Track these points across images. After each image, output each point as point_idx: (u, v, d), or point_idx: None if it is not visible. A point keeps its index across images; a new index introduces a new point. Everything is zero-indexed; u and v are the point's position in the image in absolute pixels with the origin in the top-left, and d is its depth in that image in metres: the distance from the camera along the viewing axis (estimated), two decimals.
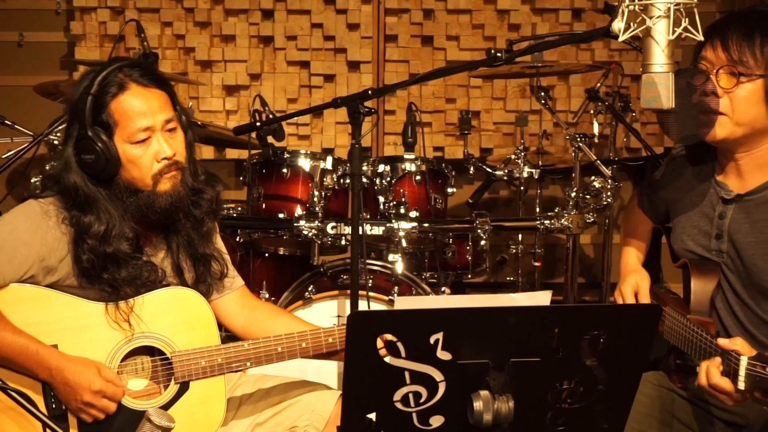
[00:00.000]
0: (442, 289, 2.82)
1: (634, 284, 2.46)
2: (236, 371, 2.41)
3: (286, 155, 3.47)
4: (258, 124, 3.17)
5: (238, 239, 3.49)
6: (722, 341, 1.99)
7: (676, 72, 2.06)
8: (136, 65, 2.28)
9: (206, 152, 4.78)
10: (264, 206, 3.49)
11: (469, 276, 3.74)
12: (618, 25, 2.05)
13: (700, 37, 2.00)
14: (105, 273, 2.22)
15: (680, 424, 2.33)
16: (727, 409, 2.30)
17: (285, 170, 3.45)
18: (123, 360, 2.25)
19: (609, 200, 3.52)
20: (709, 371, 1.98)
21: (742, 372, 1.89)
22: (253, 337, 2.35)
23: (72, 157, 2.23)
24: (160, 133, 2.25)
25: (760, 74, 2.12)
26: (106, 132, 2.21)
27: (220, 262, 2.45)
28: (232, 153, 4.83)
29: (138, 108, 2.22)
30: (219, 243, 2.50)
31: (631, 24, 2.02)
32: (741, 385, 1.90)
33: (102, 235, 2.21)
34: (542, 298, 1.74)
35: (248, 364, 2.31)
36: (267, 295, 3.49)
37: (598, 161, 3.59)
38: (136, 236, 2.28)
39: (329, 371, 3.05)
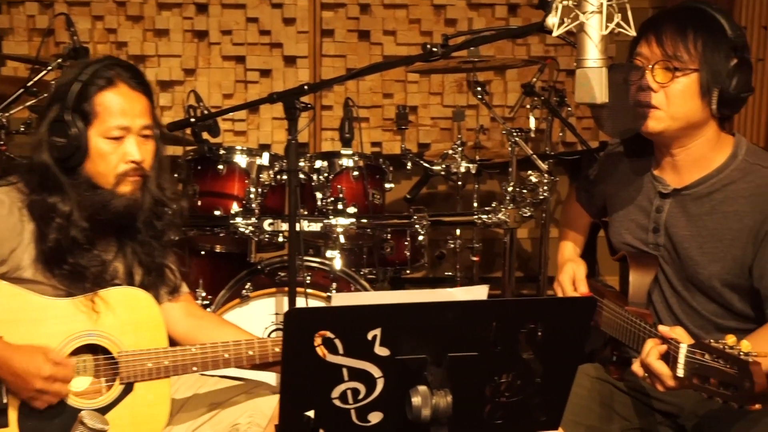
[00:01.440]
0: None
1: (570, 273, 2.48)
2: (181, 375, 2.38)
3: (222, 151, 3.44)
4: (192, 119, 3.13)
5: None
6: (662, 328, 2.03)
7: (610, 67, 2.10)
8: (129, 68, 2.31)
9: None
10: (200, 203, 3.45)
11: (408, 271, 3.75)
12: (552, 20, 2.08)
13: (633, 33, 2.04)
14: (70, 257, 2.22)
15: (617, 416, 2.37)
16: (664, 399, 2.35)
17: (221, 167, 3.42)
18: (68, 357, 2.22)
19: (545, 194, 3.56)
20: (651, 351, 2.01)
21: (681, 359, 1.92)
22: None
23: (45, 137, 2.25)
24: (135, 137, 2.27)
25: (694, 68, 2.17)
26: (84, 121, 2.23)
27: (174, 274, 2.45)
28: (166, 149, 4.77)
29: (121, 106, 2.25)
30: (173, 256, 2.50)
31: (565, 19, 2.05)
32: (680, 372, 1.93)
33: (68, 215, 2.22)
34: (479, 292, 1.76)
35: (194, 368, 2.29)
36: (204, 294, 3.45)
37: (535, 156, 3.63)
38: (90, 227, 2.27)
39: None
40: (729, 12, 2.24)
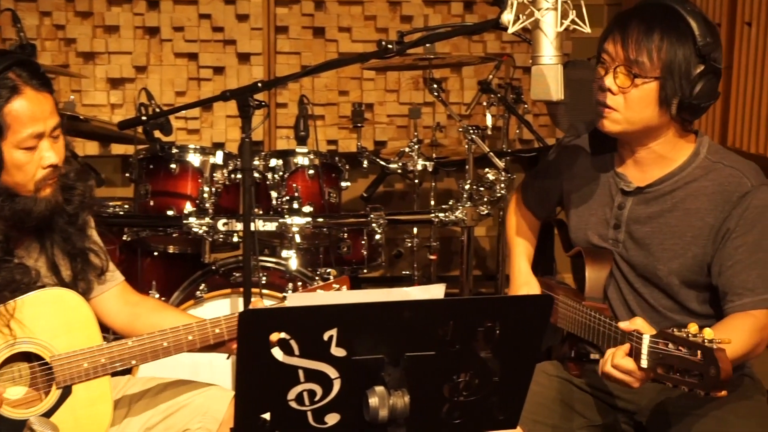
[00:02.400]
0: (327, 271, 2.85)
1: None
2: (122, 370, 2.36)
3: (175, 150, 3.42)
4: (144, 118, 3.11)
5: (125, 238, 3.42)
6: (622, 324, 2.04)
7: (569, 63, 2.11)
8: (25, 64, 2.22)
9: (90, 148, 4.67)
10: (152, 203, 3.43)
11: (365, 271, 3.75)
12: (507, 17, 2.09)
13: (588, 30, 2.05)
14: None
15: (576, 413, 2.39)
16: (622, 396, 2.37)
17: (173, 166, 3.40)
18: None
19: (503, 192, 3.58)
20: (615, 354, 2.02)
21: (644, 350, 1.94)
22: (138, 334, 2.31)
23: None
24: (47, 140, 2.20)
25: (654, 77, 2.16)
26: None
27: (99, 256, 2.41)
28: (117, 148, 4.73)
29: (31, 113, 2.16)
30: (96, 237, 2.45)
31: (520, 16, 2.06)
32: (644, 363, 1.94)
33: None
34: (436, 291, 1.76)
35: (133, 362, 2.26)
36: (157, 295, 3.43)
37: (491, 153, 3.64)
38: (6, 239, 2.21)
39: (222, 369, 3.02)
40: (699, 12, 2.19)
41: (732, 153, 2.33)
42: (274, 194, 3.46)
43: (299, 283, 3.24)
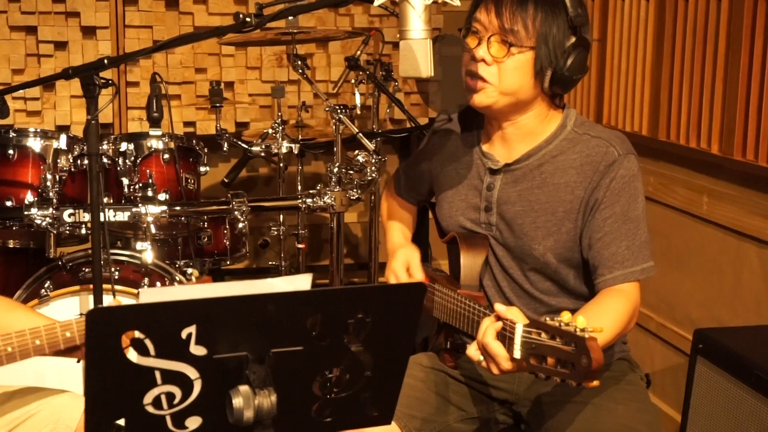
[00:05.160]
0: (189, 272, 2.85)
1: (404, 259, 2.48)
2: None
3: (12, 134, 3.34)
4: None
5: None
6: (499, 308, 2.04)
7: (439, 38, 2.13)
8: None
9: None
10: None
11: (228, 262, 3.73)
12: None
13: (458, 3, 2.07)
14: None
15: (453, 406, 2.43)
16: (499, 386, 2.43)
17: (11, 152, 3.32)
18: None
19: (374, 175, 3.60)
20: (488, 330, 2.02)
21: (517, 340, 1.95)
22: None
23: None
24: None
25: (530, 46, 2.22)
26: None
27: None
28: None
29: None
30: None
31: None
32: (517, 354, 1.96)
33: None
34: (302, 282, 1.76)
35: None
36: None
37: (361, 134, 3.66)
38: None
39: (72, 373, 2.94)
40: None
41: (599, 125, 2.41)
42: (125, 181, 3.40)
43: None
